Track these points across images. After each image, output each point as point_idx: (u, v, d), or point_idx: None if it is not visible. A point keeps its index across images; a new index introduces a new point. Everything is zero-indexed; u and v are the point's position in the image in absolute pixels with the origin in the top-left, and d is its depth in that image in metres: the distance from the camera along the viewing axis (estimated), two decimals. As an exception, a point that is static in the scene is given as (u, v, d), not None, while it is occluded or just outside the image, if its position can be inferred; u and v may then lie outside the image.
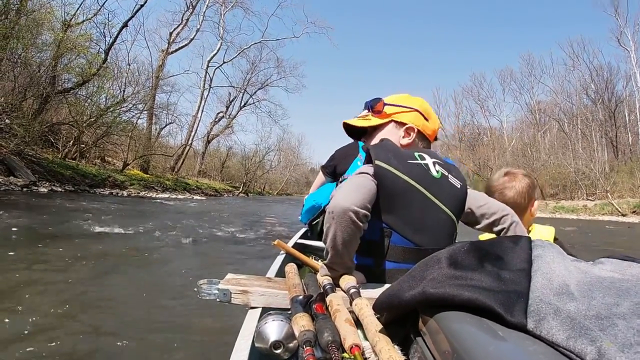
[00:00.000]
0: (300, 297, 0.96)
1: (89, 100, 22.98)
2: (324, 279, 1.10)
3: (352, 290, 0.99)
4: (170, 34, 34.33)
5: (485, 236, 1.44)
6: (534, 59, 48.34)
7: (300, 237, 2.60)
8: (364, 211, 1.09)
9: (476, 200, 1.39)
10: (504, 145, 48.58)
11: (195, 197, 26.37)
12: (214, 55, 39.39)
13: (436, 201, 1.26)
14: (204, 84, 38.88)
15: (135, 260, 4.93)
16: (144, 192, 22.30)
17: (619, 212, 26.20)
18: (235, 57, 41.79)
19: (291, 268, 1.23)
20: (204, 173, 42.71)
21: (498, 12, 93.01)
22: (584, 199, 33.53)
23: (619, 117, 38.53)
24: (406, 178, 1.23)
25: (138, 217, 9.80)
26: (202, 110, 38.93)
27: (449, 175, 1.33)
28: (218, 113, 43.31)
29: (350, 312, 0.90)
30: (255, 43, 42.35)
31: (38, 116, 18.75)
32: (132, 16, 27.09)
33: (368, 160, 1.32)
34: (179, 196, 24.33)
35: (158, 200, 18.52)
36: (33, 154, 17.98)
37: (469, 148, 52.31)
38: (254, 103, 44.88)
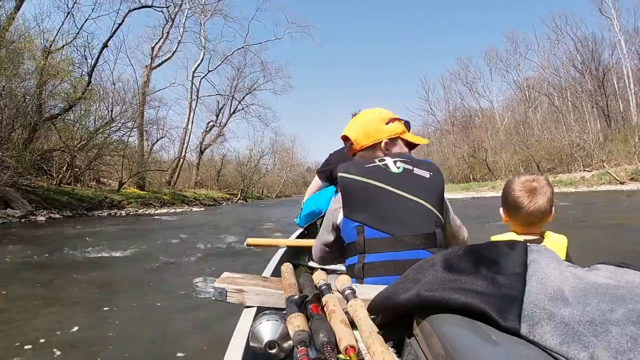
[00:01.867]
0: (296, 297, 0.96)
1: (77, 124, 22.82)
2: (319, 279, 1.10)
3: (348, 292, 1.00)
4: (152, 48, 34.11)
5: (497, 237, 1.44)
6: (517, 36, 48.79)
7: (297, 238, 2.61)
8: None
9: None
10: (496, 125, 48.63)
11: (194, 208, 26.29)
12: (198, 65, 39.23)
13: (401, 192, 1.36)
14: (191, 95, 38.69)
15: (133, 282, 4.88)
16: (142, 210, 22.21)
17: (617, 180, 25.88)
18: (220, 65, 41.63)
19: (287, 268, 1.23)
20: (201, 184, 42.60)
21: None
22: (581, 170, 33.38)
23: (608, 85, 38.38)
24: (364, 179, 1.38)
25: (136, 237, 9.63)
26: (192, 122, 38.75)
27: (414, 169, 1.43)
28: (208, 122, 43.20)
29: (345, 313, 0.90)
30: (238, 49, 42.19)
31: (28, 145, 18.62)
32: (112, 36, 26.98)
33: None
34: (177, 210, 24.24)
35: (157, 217, 18.43)
36: (28, 183, 17.87)
37: (462, 131, 52.33)
38: (243, 109, 44.73)
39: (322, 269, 1.55)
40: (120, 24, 27.17)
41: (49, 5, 47.74)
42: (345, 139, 1.68)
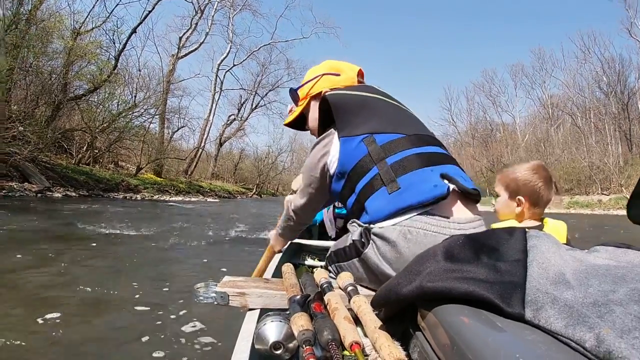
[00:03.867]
0: (298, 297, 0.96)
1: (100, 106, 23.26)
2: (321, 278, 1.09)
3: (350, 288, 1.00)
4: (180, 38, 34.61)
5: (497, 225, 1.44)
6: (544, 52, 48.39)
7: (297, 237, 2.57)
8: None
9: None
10: (517, 141, 48.26)
11: (208, 199, 26.49)
12: (224, 58, 39.63)
13: (396, 103, 1.36)
14: (215, 87, 39.11)
15: (142, 262, 4.93)
16: (157, 196, 22.47)
17: (634, 206, 25.54)
18: (245, 59, 42.04)
19: (288, 268, 1.22)
20: (217, 175, 42.94)
21: (507, 8, 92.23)
22: (599, 193, 33.12)
23: (632, 109, 37.80)
24: (360, 93, 1.33)
25: (149, 220, 9.83)
26: (214, 113, 39.22)
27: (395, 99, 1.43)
28: (230, 115, 43.50)
29: (348, 309, 0.90)
30: (264, 45, 42.50)
31: (51, 123, 19.02)
32: (141, 22, 27.41)
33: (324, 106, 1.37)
34: (192, 199, 24.47)
35: (171, 204, 18.62)
36: (47, 160, 18.26)
37: (482, 145, 52.01)
38: (265, 105, 44.93)
39: (324, 267, 1.48)
40: (150, 11, 27.65)
41: None
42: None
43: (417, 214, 1.09)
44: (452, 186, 1.13)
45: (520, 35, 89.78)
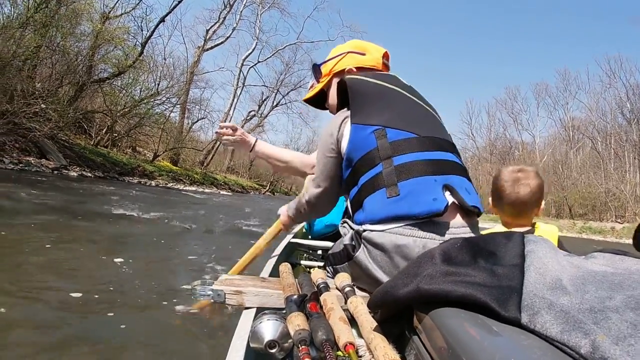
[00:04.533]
0: (295, 296, 0.96)
1: (123, 91, 23.54)
2: (318, 278, 1.09)
3: (347, 289, 1.01)
4: (207, 31, 34.82)
5: (487, 232, 1.43)
6: (569, 74, 47.80)
7: (294, 237, 2.55)
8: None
9: None
10: (535, 161, 47.49)
11: (222, 192, 26.63)
12: (249, 54, 39.64)
13: (417, 100, 1.28)
14: (238, 82, 39.15)
15: (147, 245, 4.96)
16: (171, 184, 22.63)
17: (647, 236, 25.14)
18: (270, 57, 41.99)
19: (285, 267, 1.23)
20: (233, 169, 43.16)
21: (534, 27, 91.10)
22: (613, 220, 32.69)
23: (653, 138, 37.23)
24: (381, 82, 1.26)
25: (161, 205, 9.96)
26: (234, 108, 39.25)
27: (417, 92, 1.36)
28: (250, 111, 43.59)
29: (345, 310, 0.91)
30: (290, 44, 42.47)
31: (73, 103, 19.30)
32: (170, 12, 27.60)
33: (342, 93, 1.33)
34: (206, 190, 24.62)
35: (184, 192, 18.74)
36: (66, 139, 18.52)
37: (500, 161, 51.07)
38: (286, 104, 44.78)
39: (320, 267, 1.43)
40: (179, 2, 27.78)
41: None
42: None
43: (410, 224, 1.07)
44: (451, 200, 1.10)
45: (546, 54, 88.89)
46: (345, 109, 1.29)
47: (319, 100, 1.70)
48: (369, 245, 1.11)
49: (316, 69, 1.62)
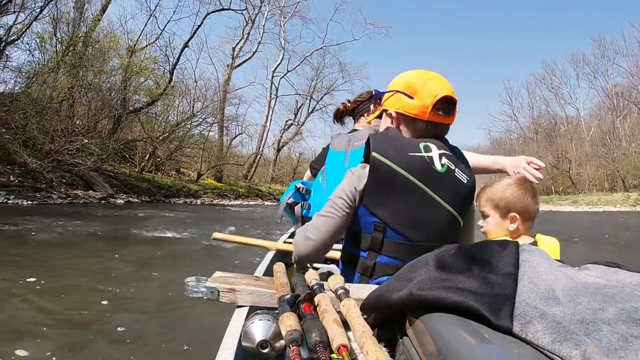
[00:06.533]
0: (288, 296, 0.95)
1: (159, 118, 24.54)
2: (312, 279, 1.09)
3: (341, 291, 0.99)
4: (233, 49, 35.63)
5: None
6: (605, 39, 45.62)
7: (289, 237, 2.60)
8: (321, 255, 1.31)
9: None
10: (582, 134, 46.13)
11: (266, 202, 27.06)
12: (278, 65, 40.14)
13: (437, 197, 1.22)
14: (270, 93, 39.76)
15: (184, 261, 5.39)
16: (216, 200, 23.28)
17: None
18: (299, 65, 42.25)
19: (279, 267, 1.22)
20: (277, 179, 43.58)
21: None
22: (671, 187, 30.45)
23: None
24: (404, 173, 1.19)
25: (200, 223, 10.40)
26: (271, 119, 39.88)
27: (456, 169, 1.25)
28: (287, 121, 43.95)
29: (338, 312, 0.89)
30: (316, 50, 42.59)
31: (113, 135, 20.39)
32: (191, 37, 28.73)
33: (367, 149, 1.28)
34: (251, 202, 25.12)
35: (229, 207, 19.18)
36: (111, 169, 19.56)
37: (546, 140, 49.82)
38: (320, 109, 44.77)
39: (314, 268, 1.47)
40: (199, 26, 28.94)
41: (133, 7, 51.81)
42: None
43: None
44: None
45: (578, 22, 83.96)
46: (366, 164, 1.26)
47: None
48: None
49: (375, 97, 1.51)
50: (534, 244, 1.35)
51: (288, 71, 41.57)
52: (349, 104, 2.33)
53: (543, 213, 22.99)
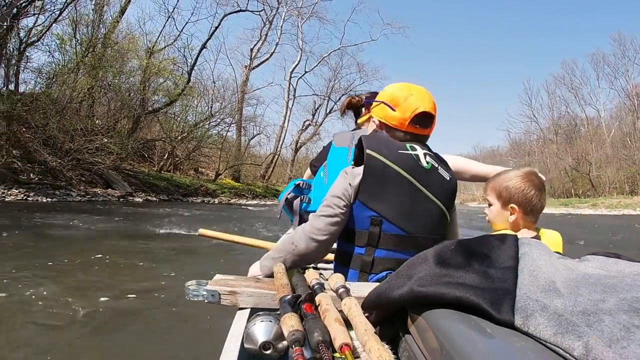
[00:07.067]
0: (289, 297, 0.95)
1: (178, 118, 24.80)
2: (312, 279, 1.09)
3: (341, 290, 1.00)
4: (251, 50, 35.77)
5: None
6: (625, 39, 44.18)
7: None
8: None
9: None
10: (602, 136, 45.04)
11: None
12: (296, 66, 40.14)
13: (426, 191, 1.29)
14: (288, 94, 39.77)
15: (196, 259, 5.48)
16: (234, 200, 23.41)
17: None
18: (316, 66, 42.16)
19: (279, 268, 1.22)
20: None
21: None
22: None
23: None
24: (396, 168, 1.26)
25: (215, 221, 10.42)
26: (289, 120, 39.91)
27: (439, 167, 1.34)
28: (305, 121, 43.86)
29: (339, 311, 0.89)
30: (334, 50, 42.45)
31: (132, 135, 20.69)
32: (209, 38, 28.99)
33: (359, 150, 1.34)
34: (268, 202, 25.22)
35: (245, 207, 19.27)
36: (130, 168, 19.85)
37: (566, 141, 48.96)
38: (339, 109, 44.91)
39: (314, 268, 1.50)
40: (217, 27, 29.19)
41: (151, 9, 52.64)
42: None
43: None
44: None
45: (597, 21, 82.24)
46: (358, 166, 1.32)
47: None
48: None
49: (367, 104, 1.81)
50: (537, 238, 1.34)
51: (306, 72, 41.54)
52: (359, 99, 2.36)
53: (556, 217, 22.56)
